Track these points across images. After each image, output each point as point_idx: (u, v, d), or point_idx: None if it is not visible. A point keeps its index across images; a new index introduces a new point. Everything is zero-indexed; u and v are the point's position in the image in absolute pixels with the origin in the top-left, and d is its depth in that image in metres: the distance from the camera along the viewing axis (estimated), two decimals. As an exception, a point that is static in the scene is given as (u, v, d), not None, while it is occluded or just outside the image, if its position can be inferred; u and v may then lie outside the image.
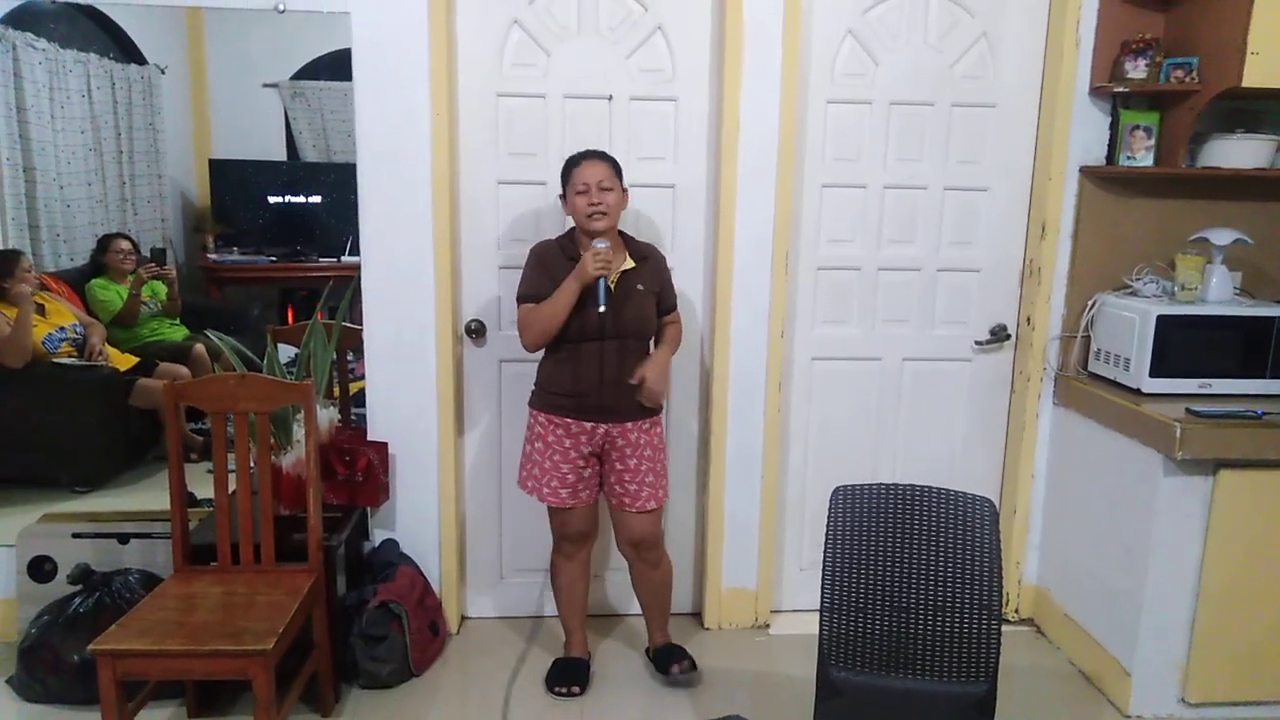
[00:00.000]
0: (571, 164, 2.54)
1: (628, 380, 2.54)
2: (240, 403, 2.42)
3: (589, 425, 2.57)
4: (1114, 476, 2.76)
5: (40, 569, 2.81)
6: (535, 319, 2.51)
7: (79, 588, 2.66)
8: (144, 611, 2.28)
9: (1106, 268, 3.00)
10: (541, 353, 2.63)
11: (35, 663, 2.58)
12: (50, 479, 3.23)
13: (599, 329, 2.50)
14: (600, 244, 2.45)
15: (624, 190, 2.56)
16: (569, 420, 2.57)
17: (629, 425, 2.59)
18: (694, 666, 2.78)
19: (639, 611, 2.89)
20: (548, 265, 2.55)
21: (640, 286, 2.57)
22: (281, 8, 2.69)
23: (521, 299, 2.57)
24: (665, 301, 2.68)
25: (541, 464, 2.61)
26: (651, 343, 2.67)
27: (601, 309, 2.42)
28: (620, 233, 2.63)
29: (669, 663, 2.77)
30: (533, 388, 2.67)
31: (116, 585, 2.64)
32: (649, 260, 2.63)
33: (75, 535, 2.81)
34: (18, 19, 3.00)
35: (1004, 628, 2.04)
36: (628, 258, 2.58)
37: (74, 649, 2.53)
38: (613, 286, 2.50)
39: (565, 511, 2.64)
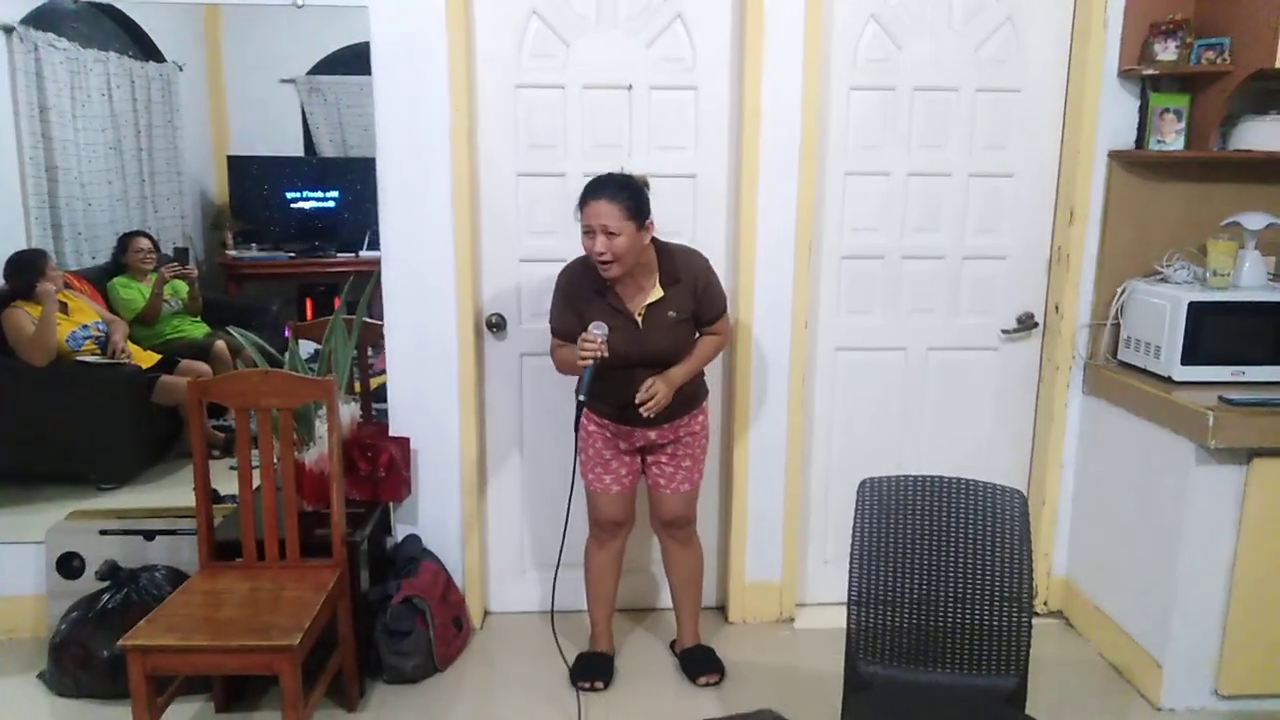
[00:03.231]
0: (581, 199, 2.37)
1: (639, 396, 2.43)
2: (263, 399, 2.42)
3: (627, 429, 2.59)
4: (1145, 466, 2.72)
5: (69, 565, 2.83)
6: (557, 361, 2.58)
7: (107, 584, 2.68)
8: (172, 607, 2.29)
9: (1136, 254, 2.94)
10: None
11: (66, 658, 2.61)
12: (77, 476, 3.26)
13: (628, 359, 2.44)
14: (596, 329, 2.36)
15: (642, 226, 2.34)
16: (608, 423, 2.61)
17: (666, 427, 2.59)
18: (723, 679, 2.76)
19: (666, 604, 2.87)
20: (571, 298, 2.49)
21: (672, 314, 2.45)
22: (300, 2, 2.68)
23: (551, 329, 2.58)
24: (705, 315, 2.52)
25: (587, 451, 2.65)
26: None
27: (581, 399, 2.37)
28: (655, 244, 2.46)
29: (698, 672, 2.77)
30: None
31: (144, 581, 2.67)
32: (682, 283, 2.46)
33: (102, 532, 2.83)
34: (39, 19, 3.02)
35: (1033, 620, 2.01)
36: (656, 285, 2.45)
37: (103, 644, 2.55)
38: (639, 320, 2.45)
39: (603, 496, 2.65)
